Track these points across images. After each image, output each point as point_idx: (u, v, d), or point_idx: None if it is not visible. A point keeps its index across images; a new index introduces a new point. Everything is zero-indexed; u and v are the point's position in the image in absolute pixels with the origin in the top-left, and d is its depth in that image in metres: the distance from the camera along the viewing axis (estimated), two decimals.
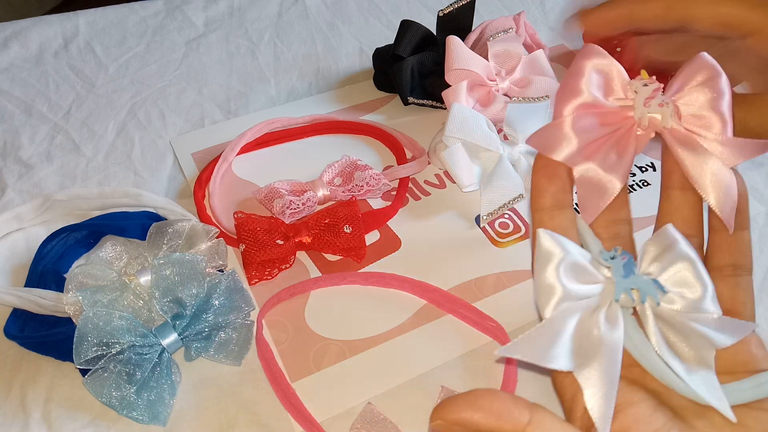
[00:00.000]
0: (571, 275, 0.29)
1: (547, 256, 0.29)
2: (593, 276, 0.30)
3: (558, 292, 0.28)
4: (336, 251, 0.51)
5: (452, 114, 0.54)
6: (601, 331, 0.29)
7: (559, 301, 0.28)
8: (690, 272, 0.30)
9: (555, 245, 0.29)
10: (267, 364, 0.45)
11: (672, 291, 0.30)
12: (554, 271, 0.28)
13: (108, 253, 0.47)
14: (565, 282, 0.28)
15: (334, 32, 0.75)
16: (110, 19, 0.75)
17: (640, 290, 0.29)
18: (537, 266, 0.29)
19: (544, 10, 0.79)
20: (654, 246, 0.31)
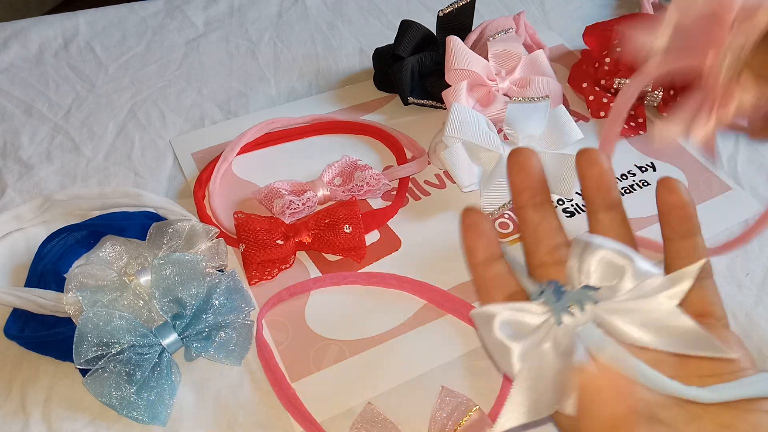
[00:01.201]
0: (515, 327, 0.30)
1: (487, 320, 0.30)
2: (533, 317, 0.30)
3: (511, 347, 0.29)
4: (336, 251, 0.51)
5: (452, 114, 0.54)
6: (554, 361, 0.29)
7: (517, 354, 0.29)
8: (607, 256, 0.30)
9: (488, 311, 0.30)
10: (267, 364, 0.45)
11: (605, 284, 0.30)
12: (499, 330, 0.29)
13: (108, 253, 0.47)
14: (512, 335, 0.29)
15: (334, 32, 0.75)
16: (110, 19, 0.75)
17: (576, 304, 0.29)
18: (481, 333, 0.30)
19: (544, 10, 0.79)
20: (572, 259, 0.31)
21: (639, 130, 0.62)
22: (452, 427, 0.42)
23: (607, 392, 0.28)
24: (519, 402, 0.29)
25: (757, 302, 0.50)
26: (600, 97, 0.64)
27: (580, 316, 0.30)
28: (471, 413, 0.42)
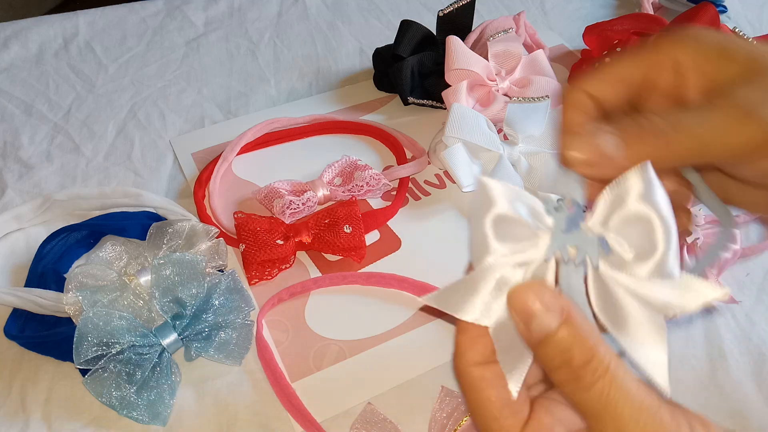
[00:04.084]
0: (508, 230, 0.26)
1: (485, 205, 0.26)
2: (530, 231, 0.26)
3: (492, 252, 0.26)
4: (336, 251, 0.50)
5: (452, 114, 0.54)
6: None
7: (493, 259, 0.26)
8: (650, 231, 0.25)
9: (493, 194, 0.26)
10: (267, 364, 0.45)
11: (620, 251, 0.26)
12: (491, 228, 0.26)
13: (108, 253, 0.47)
14: (499, 238, 0.26)
15: (334, 32, 0.75)
16: (110, 19, 0.75)
17: (578, 248, 0.26)
18: (473, 215, 0.27)
19: (544, 10, 0.79)
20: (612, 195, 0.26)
21: None
22: (452, 427, 0.42)
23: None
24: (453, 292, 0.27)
25: (757, 302, 0.50)
26: None
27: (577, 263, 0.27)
28: None
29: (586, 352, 0.25)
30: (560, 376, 0.25)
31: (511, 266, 0.26)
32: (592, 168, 0.27)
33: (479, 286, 0.26)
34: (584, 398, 0.24)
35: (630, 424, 0.24)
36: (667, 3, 0.77)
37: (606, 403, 0.24)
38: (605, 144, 0.27)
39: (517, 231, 0.26)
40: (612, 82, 0.31)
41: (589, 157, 0.27)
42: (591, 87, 0.31)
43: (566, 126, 0.30)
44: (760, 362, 0.47)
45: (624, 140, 0.27)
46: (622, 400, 0.24)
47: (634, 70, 0.31)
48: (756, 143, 0.27)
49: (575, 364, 0.25)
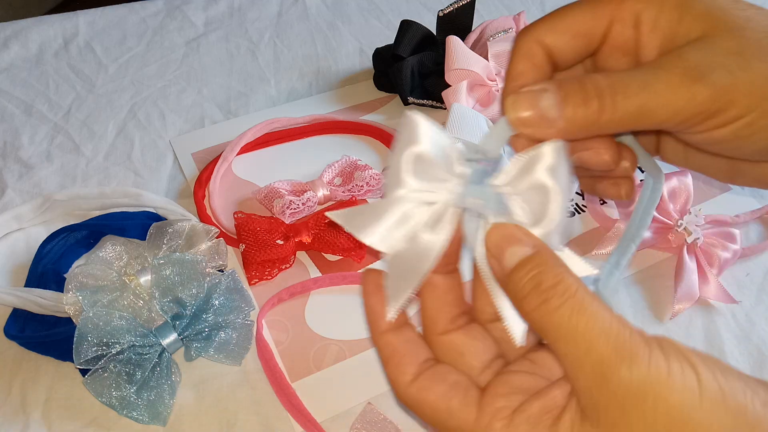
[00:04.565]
0: (424, 169, 0.27)
1: (408, 139, 0.27)
2: (443, 173, 0.27)
3: (404, 186, 0.27)
4: (336, 251, 0.50)
5: (452, 114, 0.54)
6: (423, 236, 0.27)
7: (400, 197, 0.27)
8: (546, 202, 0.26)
9: (419, 131, 0.27)
10: (267, 364, 0.45)
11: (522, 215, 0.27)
12: (409, 162, 0.27)
13: (108, 253, 0.47)
14: (414, 174, 0.27)
15: (334, 32, 0.75)
16: (110, 19, 0.75)
17: (480, 201, 0.27)
18: (396, 146, 0.27)
19: (544, 10, 0.79)
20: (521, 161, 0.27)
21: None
22: None
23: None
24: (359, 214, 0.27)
25: (757, 302, 0.50)
26: None
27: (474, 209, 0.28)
28: None
29: (554, 276, 0.25)
30: (530, 302, 0.25)
31: (418, 203, 0.27)
32: (529, 128, 0.27)
33: (384, 215, 0.27)
34: (553, 320, 0.24)
35: (599, 339, 0.24)
36: None
37: (576, 322, 0.24)
38: (544, 105, 0.26)
39: (432, 171, 0.27)
40: (567, 32, 0.29)
41: (528, 117, 0.27)
42: (544, 36, 0.29)
43: (512, 77, 0.29)
44: (760, 362, 0.47)
45: (564, 101, 0.26)
46: (592, 318, 0.24)
47: (592, 21, 0.29)
48: (703, 110, 0.26)
49: (544, 286, 0.25)
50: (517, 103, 0.27)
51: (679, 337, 0.48)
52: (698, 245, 0.50)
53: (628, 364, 0.23)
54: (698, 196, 0.57)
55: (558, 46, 0.29)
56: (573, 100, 0.26)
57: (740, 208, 0.56)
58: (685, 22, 0.27)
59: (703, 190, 0.58)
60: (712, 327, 0.49)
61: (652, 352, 0.23)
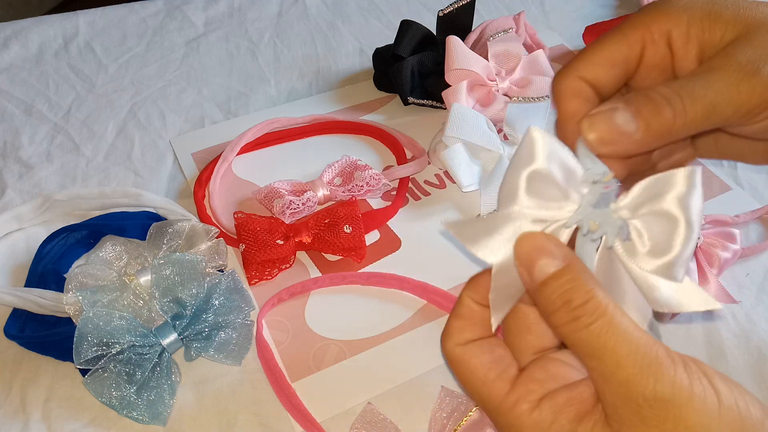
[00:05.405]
0: (541, 187, 0.27)
1: (526, 157, 0.26)
2: (561, 192, 0.27)
3: (518, 203, 0.27)
4: (336, 251, 0.51)
5: (452, 114, 0.54)
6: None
7: (515, 213, 0.27)
8: (672, 233, 0.26)
9: (537, 149, 0.26)
10: (267, 364, 0.45)
11: (638, 241, 0.26)
12: (524, 179, 0.26)
13: (108, 253, 0.47)
14: (529, 192, 0.27)
15: (334, 32, 0.75)
16: (110, 19, 0.75)
17: (600, 225, 0.27)
18: (512, 161, 0.27)
19: (544, 10, 0.79)
20: (650, 186, 0.26)
21: None
22: (452, 427, 0.42)
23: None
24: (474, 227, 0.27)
25: (757, 302, 0.50)
26: None
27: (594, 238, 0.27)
28: (471, 413, 0.42)
29: (585, 294, 0.25)
30: (560, 317, 0.26)
31: (532, 220, 0.27)
32: (610, 146, 0.27)
33: (496, 230, 0.27)
34: (583, 337, 0.25)
35: (627, 358, 0.24)
36: None
37: (605, 340, 0.25)
38: (620, 120, 0.27)
39: (549, 190, 0.27)
40: (605, 64, 0.30)
41: (607, 136, 0.27)
42: (584, 71, 0.30)
43: (568, 117, 0.30)
44: (760, 362, 0.47)
45: (637, 114, 0.27)
46: (620, 337, 0.25)
47: (626, 48, 0.30)
48: (762, 101, 0.27)
49: (575, 303, 0.25)
50: (593, 125, 0.28)
51: (679, 337, 0.48)
52: (698, 245, 0.50)
53: (653, 383, 0.24)
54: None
55: (599, 78, 0.30)
56: (645, 111, 0.27)
57: (740, 208, 0.56)
58: (717, 29, 0.29)
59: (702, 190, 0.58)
60: (712, 327, 0.49)
61: (677, 372, 0.24)
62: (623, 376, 0.24)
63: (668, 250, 0.26)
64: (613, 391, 0.25)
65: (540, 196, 0.27)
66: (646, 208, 0.26)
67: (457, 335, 0.29)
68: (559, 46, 0.73)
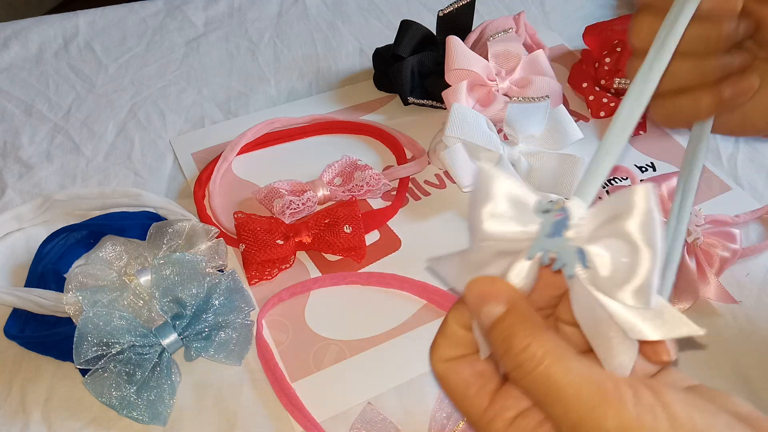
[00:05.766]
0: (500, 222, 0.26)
1: (483, 197, 0.26)
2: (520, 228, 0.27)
3: (486, 238, 0.27)
4: (336, 251, 0.51)
5: (452, 114, 0.54)
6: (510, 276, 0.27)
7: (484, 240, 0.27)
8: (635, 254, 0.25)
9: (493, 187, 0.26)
10: (267, 364, 0.45)
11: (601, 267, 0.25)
12: (485, 217, 0.26)
13: (108, 253, 0.47)
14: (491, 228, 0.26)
15: (334, 32, 0.75)
16: (110, 19, 0.75)
17: (558, 255, 0.26)
18: (472, 201, 0.27)
19: (544, 10, 0.79)
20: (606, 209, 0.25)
21: (639, 130, 0.62)
22: (452, 427, 0.42)
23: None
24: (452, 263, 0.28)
25: (757, 302, 0.50)
26: (600, 97, 0.64)
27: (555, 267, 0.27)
28: None
29: (523, 339, 0.25)
30: (506, 363, 0.26)
31: (495, 254, 0.27)
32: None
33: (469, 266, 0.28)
34: (528, 383, 0.25)
35: (574, 400, 0.24)
36: None
37: (548, 385, 0.24)
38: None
39: (508, 225, 0.27)
40: None
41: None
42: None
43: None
44: (760, 362, 0.47)
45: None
46: (564, 381, 0.24)
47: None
48: None
49: (515, 350, 0.25)
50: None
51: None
52: (698, 245, 0.50)
53: (602, 422, 0.24)
54: (698, 196, 0.57)
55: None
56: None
57: (740, 208, 0.56)
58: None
59: (703, 190, 0.58)
60: (712, 327, 0.49)
61: (626, 407, 0.24)
62: (573, 419, 0.24)
63: (633, 275, 0.25)
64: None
65: (501, 229, 0.27)
66: (604, 231, 0.25)
67: (441, 351, 0.30)
68: (559, 46, 0.73)
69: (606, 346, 0.26)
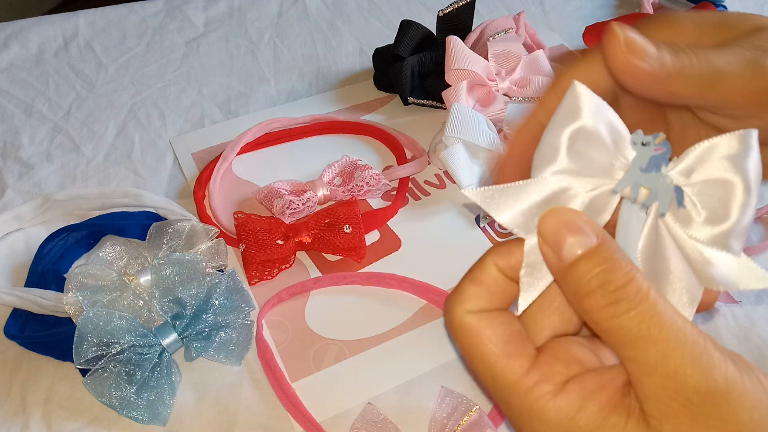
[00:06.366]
0: (586, 147, 0.24)
1: (570, 114, 0.24)
2: (606, 156, 0.24)
3: (559, 162, 0.24)
4: (336, 251, 0.51)
5: (452, 114, 0.54)
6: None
7: (557, 171, 0.24)
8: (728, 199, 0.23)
9: (585, 104, 0.24)
10: (267, 364, 0.45)
11: (692, 208, 0.24)
12: (567, 138, 0.24)
13: (108, 253, 0.47)
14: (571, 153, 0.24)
15: (334, 32, 0.75)
16: (110, 19, 0.75)
17: (651, 191, 0.24)
18: (555, 118, 0.25)
19: (544, 10, 0.79)
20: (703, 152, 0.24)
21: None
22: (452, 427, 0.42)
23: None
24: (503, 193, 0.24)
25: (757, 302, 0.50)
26: None
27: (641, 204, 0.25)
28: (471, 413, 0.42)
29: (624, 275, 0.23)
30: (594, 301, 0.23)
31: (572, 185, 0.24)
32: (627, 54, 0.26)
33: (531, 197, 0.24)
34: (622, 323, 0.23)
35: (675, 348, 0.22)
36: (667, 3, 0.77)
37: (648, 327, 0.22)
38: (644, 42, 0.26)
39: (593, 152, 0.24)
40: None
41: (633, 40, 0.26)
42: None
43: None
44: (760, 362, 0.47)
45: (659, 48, 0.26)
46: (665, 325, 0.22)
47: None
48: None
49: (612, 286, 0.23)
50: (623, 29, 0.26)
51: None
52: None
53: (704, 376, 0.22)
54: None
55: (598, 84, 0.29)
56: (666, 50, 0.26)
57: None
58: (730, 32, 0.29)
59: None
60: (712, 327, 0.49)
61: (728, 366, 0.23)
62: (671, 368, 0.22)
63: (725, 218, 0.24)
64: (656, 384, 0.22)
65: (583, 158, 0.24)
66: (699, 174, 0.24)
67: (470, 301, 0.26)
68: (559, 46, 0.73)
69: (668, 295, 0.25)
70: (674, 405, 0.22)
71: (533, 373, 0.25)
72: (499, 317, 0.26)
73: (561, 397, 0.24)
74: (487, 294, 0.26)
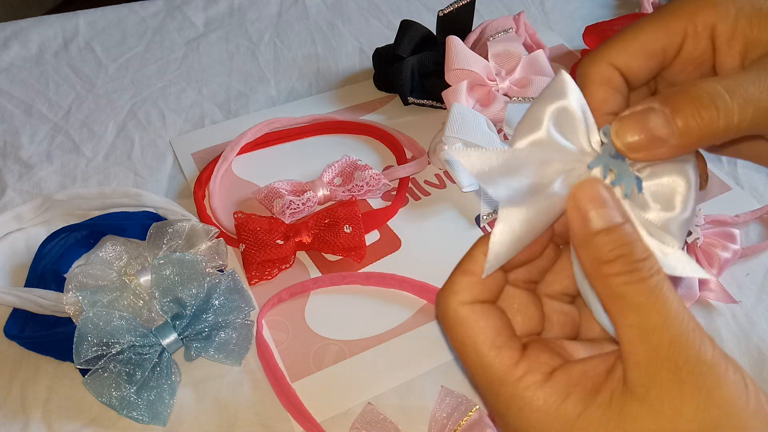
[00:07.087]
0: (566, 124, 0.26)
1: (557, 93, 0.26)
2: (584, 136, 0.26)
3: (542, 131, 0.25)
4: (336, 251, 0.51)
5: (452, 114, 0.54)
6: (553, 186, 0.25)
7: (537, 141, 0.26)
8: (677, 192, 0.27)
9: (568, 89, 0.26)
10: (267, 364, 0.45)
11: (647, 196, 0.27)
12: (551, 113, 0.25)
13: (108, 253, 0.47)
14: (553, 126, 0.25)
15: (334, 32, 0.75)
16: (110, 19, 0.75)
17: (616, 174, 0.26)
18: (540, 97, 0.26)
19: (544, 10, 0.79)
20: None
21: None
22: (452, 427, 0.42)
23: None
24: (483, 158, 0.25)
25: (757, 302, 0.50)
26: None
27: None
28: (471, 413, 0.42)
29: (645, 250, 0.25)
30: (613, 267, 0.24)
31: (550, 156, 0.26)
32: (640, 152, 0.26)
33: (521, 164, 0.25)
34: (635, 289, 0.24)
35: (675, 320, 0.24)
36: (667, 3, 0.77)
37: (656, 297, 0.24)
38: (653, 125, 0.25)
39: (570, 131, 0.26)
40: (640, 53, 0.28)
41: (637, 141, 0.25)
42: (616, 58, 0.28)
43: (596, 106, 0.28)
44: (760, 362, 0.47)
45: (674, 115, 0.25)
46: (669, 298, 0.24)
47: (665, 38, 0.28)
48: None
49: (636, 255, 0.25)
50: (622, 129, 0.25)
51: None
52: (698, 245, 0.50)
53: (698, 346, 0.24)
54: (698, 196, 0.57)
55: (632, 67, 0.28)
56: (686, 112, 0.25)
57: (740, 208, 0.56)
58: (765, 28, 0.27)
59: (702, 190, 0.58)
60: (712, 327, 0.49)
61: (716, 348, 0.24)
62: (669, 334, 0.24)
63: (670, 209, 0.27)
64: (650, 348, 0.24)
65: (561, 133, 0.26)
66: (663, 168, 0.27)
67: (463, 293, 0.27)
68: (559, 46, 0.73)
69: None
70: (663, 372, 0.24)
71: (522, 364, 0.26)
72: (490, 309, 0.27)
73: (549, 384, 0.25)
74: (479, 285, 0.27)
